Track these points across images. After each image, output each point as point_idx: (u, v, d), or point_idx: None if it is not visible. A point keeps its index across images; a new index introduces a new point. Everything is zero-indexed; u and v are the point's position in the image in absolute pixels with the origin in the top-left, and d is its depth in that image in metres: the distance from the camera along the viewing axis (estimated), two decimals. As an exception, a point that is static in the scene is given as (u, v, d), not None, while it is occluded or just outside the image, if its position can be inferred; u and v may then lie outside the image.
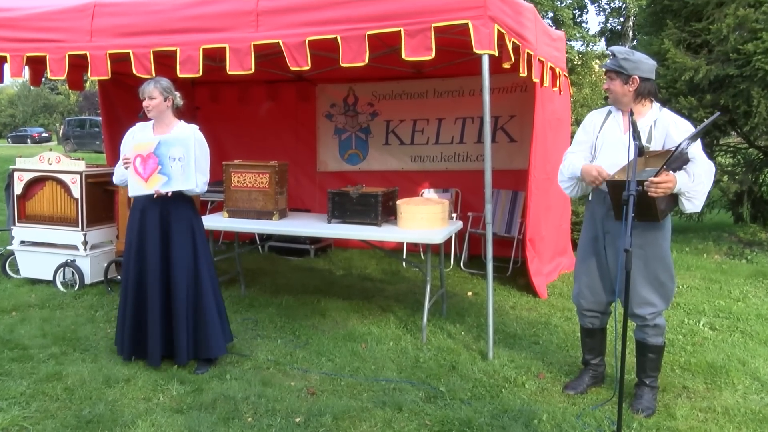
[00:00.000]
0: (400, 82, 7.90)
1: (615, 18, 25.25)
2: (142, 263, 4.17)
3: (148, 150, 4.10)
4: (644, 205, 3.26)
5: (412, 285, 6.51)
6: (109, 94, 8.12)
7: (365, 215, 5.19)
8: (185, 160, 4.05)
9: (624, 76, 3.51)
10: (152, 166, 4.08)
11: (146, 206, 4.17)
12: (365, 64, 4.55)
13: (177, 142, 4.07)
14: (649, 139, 3.50)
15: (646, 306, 3.57)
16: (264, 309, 5.55)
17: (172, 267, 4.13)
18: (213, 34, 4.95)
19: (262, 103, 8.57)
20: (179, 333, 4.14)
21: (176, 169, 4.06)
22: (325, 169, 8.52)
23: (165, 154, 4.07)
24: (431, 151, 7.99)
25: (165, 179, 4.08)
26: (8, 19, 5.67)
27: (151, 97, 4.15)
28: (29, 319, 5.17)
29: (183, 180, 4.07)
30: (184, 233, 4.17)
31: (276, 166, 5.45)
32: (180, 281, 4.13)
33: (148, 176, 4.09)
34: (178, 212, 4.18)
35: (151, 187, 4.09)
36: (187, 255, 4.16)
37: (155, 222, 4.14)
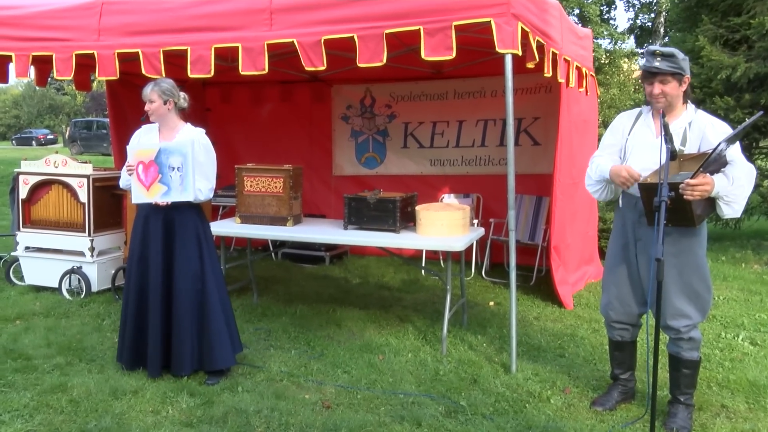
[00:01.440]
0: (419, 82, 7.91)
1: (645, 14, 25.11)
2: (144, 270, 4.22)
3: (149, 157, 4.15)
4: (679, 209, 3.23)
5: (432, 294, 6.51)
6: (117, 94, 8.20)
7: (383, 221, 5.19)
8: (183, 170, 4.09)
9: (679, 78, 3.46)
10: (153, 175, 4.13)
11: (150, 213, 4.22)
12: (383, 64, 4.57)
13: (176, 151, 4.10)
14: (683, 142, 3.47)
15: (681, 318, 3.53)
16: (277, 318, 5.57)
17: (175, 274, 4.17)
18: (225, 33, 4.98)
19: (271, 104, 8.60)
20: (181, 343, 4.17)
21: (175, 180, 4.10)
22: (340, 173, 8.55)
23: (165, 162, 4.11)
24: (451, 154, 7.99)
25: (165, 189, 4.13)
26: (13, 17, 5.75)
27: (150, 101, 4.21)
28: (33, 327, 5.23)
29: (181, 191, 4.11)
30: (189, 240, 4.20)
31: (290, 170, 5.48)
32: (183, 289, 4.16)
33: (149, 184, 4.15)
34: (183, 219, 4.21)
35: (152, 196, 4.15)
36: (192, 262, 4.18)
37: (158, 229, 4.19)
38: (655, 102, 3.50)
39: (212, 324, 4.21)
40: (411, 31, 4.42)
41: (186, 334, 4.17)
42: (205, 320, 4.21)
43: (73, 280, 6.20)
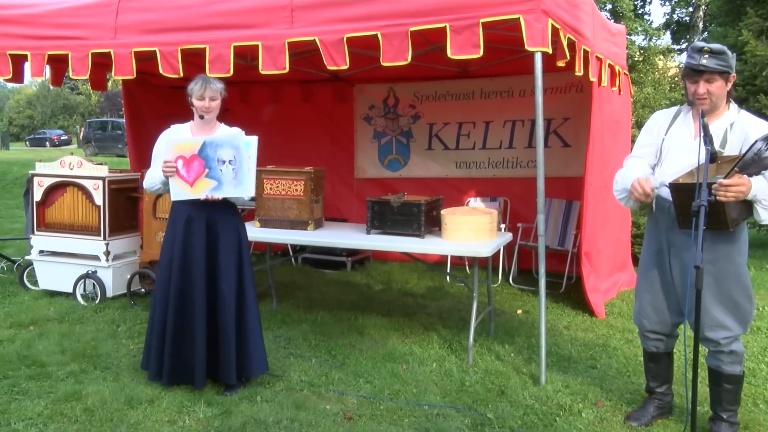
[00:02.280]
0: (445, 82, 7.91)
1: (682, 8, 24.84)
2: (187, 278, 4.12)
3: (191, 151, 4.02)
4: (713, 212, 3.16)
5: (457, 301, 6.50)
6: (134, 94, 8.31)
7: (407, 226, 5.20)
8: (237, 164, 3.99)
9: (727, 76, 3.40)
10: (197, 170, 4.01)
11: (192, 214, 4.12)
12: (407, 63, 4.57)
13: (226, 144, 4.00)
14: (723, 144, 3.42)
15: (720, 329, 3.47)
16: (297, 326, 5.59)
17: (219, 281, 4.12)
18: (244, 31, 5.02)
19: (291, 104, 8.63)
20: (227, 352, 4.12)
21: (227, 174, 3.98)
22: (363, 176, 8.57)
23: (212, 156, 4.00)
24: (478, 156, 7.97)
25: (214, 184, 4.01)
26: (29, 15, 5.84)
27: (213, 98, 4.14)
28: (47, 333, 5.30)
29: (235, 185, 4.01)
30: (231, 244, 4.16)
31: (311, 172, 5.50)
32: (227, 296, 4.12)
33: (193, 180, 4.02)
34: (226, 221, 4.16)
35: (198, 192, 4.03)
36: (232, 267, 4.15)
37: (201, 232, 4.11)
38: (700, 103, 3.43)
39: (250, 331, 4.19)
40: (436, 29, 4.43)
41: (230, 343, 4.13)
42: (243, 328, 4.19)
43: (88, 285, 6.27)
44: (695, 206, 2.98)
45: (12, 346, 5.00)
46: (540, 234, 4.50)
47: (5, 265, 7.52)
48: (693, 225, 3.04)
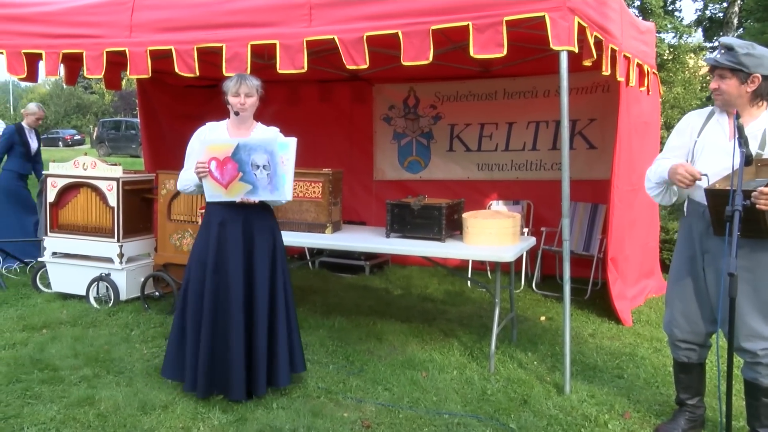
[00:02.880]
0: (466, 81, 7.90)
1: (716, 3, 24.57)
2: (222, 283, 4.08)
3: (224, 153, 3.97)
4: (751, 219, 3.14)
5: (479, 307, 6.49)
6: (148, 93, 8.37)
7: (428, 229, 5.20)
8: (271, 169, 3.94)
9: (742, 75, 3.35)
10: (231, 173, 3.96)
11: (226, 217, 4.10)
12: (428, 63, 4.58)
13: (260, 148, 3.94)
14: (763, 145, 3.36)
15: (757, 340, 3.41)
16: (314, 331, 5.60)
17: (255, 287, 4.09)
18: (262, 29, 5.05)
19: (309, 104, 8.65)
20: (259, 362, 4.09)
21: (262, 179, 3.94)
22: (382, 178, 8.59)
23: (245, 160, 3.94)
24: (500, 158, 7.96)
25: (249, 187, 3.97)
26: (43, 13, 5.91)
27: (249, 95, 4.11)
28: (60, 337, 5.35)
29: (270, 190, 3.97)
30: (266, 248, 4.13)
31: (329, 174, 5.52)
32: (262, 304, 4.09)
33: (227, 183, 3.99)
34: (262, 224, 4.14)
35: (233, 195, 4.00)
36: (266, 272, 4.12)
37: (237, 236, 4.08)
38: (714, 98, 3.48)
39: (279, 342, 4.16)
40: (459, 27, 4.43)
41: (263, 352, 4.10)
42: (274, 337, 4.16)
43: (101, 288, 6.32)
44: (728, 211, 2.95)
45: (25, 349, 5.06)
46: (564, 238, 4.48)
47: (18, 267, 7.60)
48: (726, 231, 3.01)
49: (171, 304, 6.06)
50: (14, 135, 8.03)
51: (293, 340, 4.32)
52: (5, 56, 6.08)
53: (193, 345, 4.14)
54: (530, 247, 5.53)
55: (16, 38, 6.00)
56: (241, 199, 4.01)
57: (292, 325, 4.30)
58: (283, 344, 4.20)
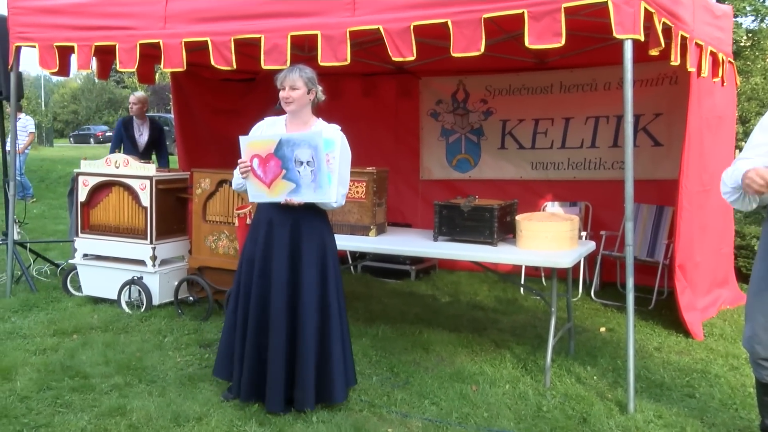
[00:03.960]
0: (520, 74, 7.84)
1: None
2: (266, 287, 4.12)
3: (266, 150, 3.99)
4: None
5: (533, 317, 6.43)
6: (183, 88, 8.49)
7: (478, 232, 5.17)
8: (315, 165, 3.92)
9: None
10: (274, 170, 3.98)
11: (274, 218, 4.13)
12: (480, 54, 4.54)
13: (303, 143, 3.93)
14: None
15: None
16: (356, 340, 5.57)
17: (301, 294, 4.09)
18: (303, 20, 5.08)
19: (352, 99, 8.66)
20: (305, 374, 4.08)
21: (305, 176, 3.94)
22: (429, 177, 8.57)
23: (289, 156, 3.95)
24: (556, 156, 7.88)
25: (292, 186, 3.98)
26: (76, 5, 6.05)
27: (294, 87, 4.09)
28: (91, 343, 5.44)
29: (314, 189, 3.95)
30: (314, 253, 4.12)
31: (374, 173, 5.53)
32: (309, 311, 4.07)
33: (270, 181, 4.01)
34: (311, 227, 4.13)
35: (276, 195, 4.02)
36: (315, 277, 4.10)
37: (284, 238, 4.09)
38: None
39: (333, 354, 4.15)
40: (513, 15, 4.40)
41: (309, 364, 4.08)
42: (326, 349, 4.14)
43: (133, 292, 6.42)
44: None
45: (55, 355, 5.16)
46: (627, 243, 4.40)
47: (48, 269, 7.77)
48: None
49: (205, 310, 6.13)
50: (120, 129, 8.12)
51: (347, 352, 4.31)
52: (37, 50, 6.24)
53: (240, 347, 4.21)
54: (589, 252, 5.46)
55: (48, 31, 6.15)
56: (285, 201, 4.01)
57: (345, 336, 4.28)
58: (338, 357, 4.18)
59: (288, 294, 4.09)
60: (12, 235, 6.98)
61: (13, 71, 6.55)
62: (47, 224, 11.74)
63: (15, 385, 4.57)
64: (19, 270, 7.18)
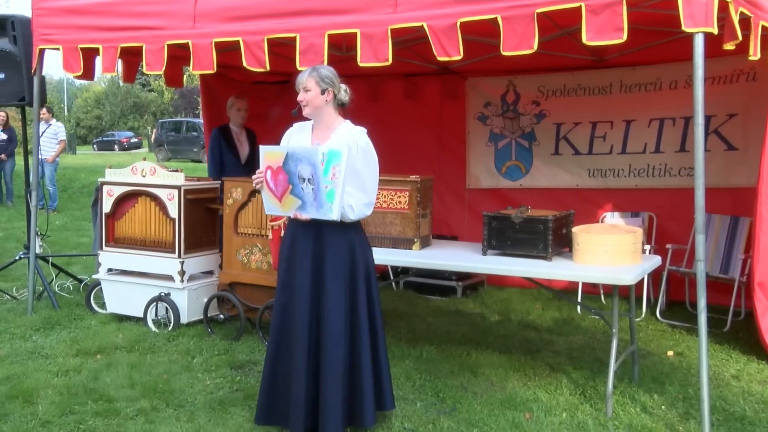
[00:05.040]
0: (576, 73, 7.80)
1: None
2: (289, 302, 4.14)
3: (277, 162, 4.04)
4: None
5: (591, 338, 6.36)
6: (213, 91, 8.58)
7: (531, 246, 5.13)
8: (315, 182, 3.94)
9: None
10: (283, 185, 4.04)
11: (297, 231, 4.16)
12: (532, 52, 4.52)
13: (304, 158, 3.97)
14: None
15: None
16: (399, 362, 5.59)
17: (325, 310, 4.07)
18: (341, 17, 5.11)
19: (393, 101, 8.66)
20: (329, 397, 4.04)
21: (308, 193, 3.98)
22: (476, 186, 8.54)
23: (293, 171, 4.00)
24: (616, 162, 7.80)
25: (299, 202, 4.03)
26: (101, 4, 6.16)
27: (306, 89, 4.11)
28: (116, 364, 5.51)
29: (316, 207, 3.98)
30: (341, 267, 4.10)
31: (417, 181, 5.51)
32: (333, 330, 4.05)
33: (280, 195, 4.07)
34: (336, 239, 4.11)
35: (286, 209, 4.09)
36: (342, 294, 4.09)
37: (307, 251, 4.11)
38: None
39: (363, 373, 4.12)
40: (569, 9, 4.37)
41: (335, 387, 4.05)
42: (356, 370, 4.12)
43: (160, 309, 6.47)
44: None
45: (78, 376, 5.23)
46: (698, 258, 4.33)
47: (71, 284, 7.89)
48: None
49: (237, 329, 6.16)
50: (219, 140, 7.38)
51: (381, 372, 4.27)
52: (61, 52, 6.36)
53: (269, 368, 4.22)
54: (654, 267, 5.37)
55: (72, 32, 6.27)
56: (294, 216, 4.07)
57: (380, 355, 4.25)
58: (368, 377, 4.15)
59: (310, 312, 4.09)
60: (34, 249, 7.11)
61: (36, 75, 6.69)
62: (70, 237, 11.93)
63: (36, 408, 4.64)
64: (41, 285, 7.32)
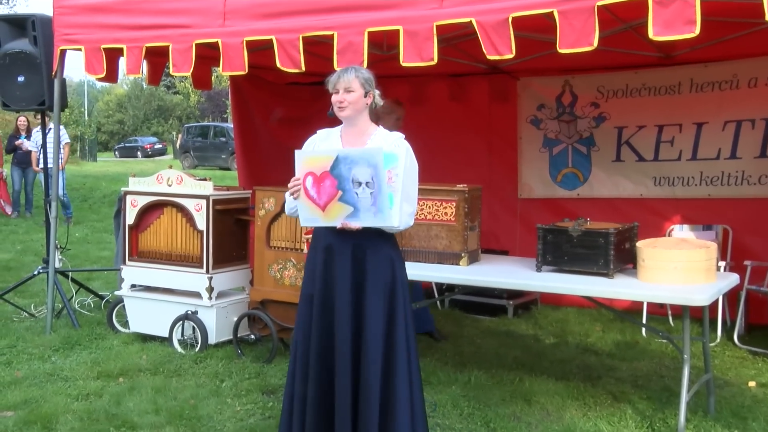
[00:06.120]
0: (640, 71, 7.74)
1: None
2: (328, 324, 4.08)
3: (322, 167, 3.98)
4: None
5: (659, 364, 6.29)
6: (243, 93, 8.64)
7: (591, 262, 5.10)
8: (375, 186, 3.91)
9: None
10: (329, 191, 3.98)
11: (333, 243, 4.10)
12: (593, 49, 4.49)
13: (362, 160, 3.91)
14: None
15: None
16: (445, 388, 5.58)
17: (366, 331, 4.04)
18: (382, 13, 5.13)
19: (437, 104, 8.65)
20: (369, 424, 4.03)
21: (364, 199, 3.94)
22: (529, 195, 8.51)
23: (345, 175, 3.95)
24: (686, 169, 7.72)
25: (349, 209, 3.97)
26: (125, 1, 6.25)
27: (349, 89, 4.07)
28: (139, 388, 5.56)
29: (374, 213, 3.94)
30: (381, 284, 4.08)
31: (465, 191, 5.51)
32: (374, 351, 4.02)
33: (325, 203, 4.02)
34: (377, 253, 4.09)
35: (331, 218, 4.02)
36: (382, 312, 4.06)
37: (346, 266, 4.07)
38: None
39: (399, 399, 4.08)
40: (634, 1, 4.32)
41: (373, 412, 4.03)
42: (391, 395, 4.09)
43: (187, 329, 6.53)
44: None
45: (99, 401, 5.30)
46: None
47: (92, 301, 8.00)
48: None
49: (269, 350, 6.19)
50: None
51: (415, 398, 4.21)
52: (83, 53, 6.46)
53: (300, 396, 4.15)
54: (731, 287, 5.30)
55: (95, 32, 6.37)
56: (341, 225, 4.01)
57: (414, 379, 4.21)
58: (404, 404, 4.11)
59: (352, 330, 4.05)
60: (53, 263, 7.22)
61: (57, 78, 6.82)
62: (90, 250, 12.09)
63: (55, 435, 4.71)
64: (60, 302, 7.43)
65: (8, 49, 7.04)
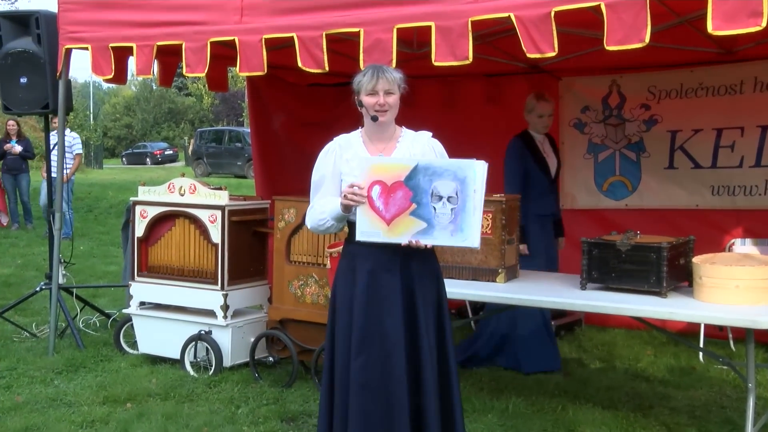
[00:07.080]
0: (696, 69, 7.71)
1: None
2: (378, 356, 3.96)
3: (395, 176, 3.89)
4: None
5: (719, 393, 6.23)
6: (261, 95, 8.67)
7: (641, 279, 5.06)
8: (459, 201, 3.83)
9: None
10: (400, 204, 3.88)
11: (377, 264, 4.02)
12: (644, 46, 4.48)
13: (447, 173, 3.85)
14: None
15: None
16: (480, 416, 5.57)
17: (422, 358, 3.97)
18: (412, 8, 5.14)
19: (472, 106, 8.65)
20: None
21: (442, 214, 3.85)
22: (572, 206, 8.48)
23: (424, 187, 3.87)
24: (748, 178, 7.68)
25: (422, 225, 3.88)
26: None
27: (389, 92, 4.05)
28: (148, 414, 5.58)
29: (452, 232, 3.86)
30: (431, 304, 4.05)
31: (502, 201, 5.51)
32: (430, 377, 3.96)
33: (392, 217, 3.91)
34: (424, 270, 4.06)
35: (397, 234, 3.91)
36: (434, 339, 4.02)
37: (396, 289, 3.99)
38: None
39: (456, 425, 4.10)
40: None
41: None
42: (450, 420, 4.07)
43: (200, 350, 6.54)
44: None
45: (106, 428, 5.33)
46: None
47: (98, 320, 8.05)
48: None
49: (289, 374, 6.20)
50: (522, 150, 6.79)
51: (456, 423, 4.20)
52: (90, 53, 6.51)
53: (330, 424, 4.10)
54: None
55: (102, 29, 6.43)
56: (409, 242, 3.89)
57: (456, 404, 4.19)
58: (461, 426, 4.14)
59: (408, 360, 3.95)
60: (57, 279, 7.27)
61: (61, 79, 6.88)
62: (96, 264, 12.19)
63: (58, 465, 4.75)
64: (63, 321, 7.47)
65: (10, 49, 7.11)
